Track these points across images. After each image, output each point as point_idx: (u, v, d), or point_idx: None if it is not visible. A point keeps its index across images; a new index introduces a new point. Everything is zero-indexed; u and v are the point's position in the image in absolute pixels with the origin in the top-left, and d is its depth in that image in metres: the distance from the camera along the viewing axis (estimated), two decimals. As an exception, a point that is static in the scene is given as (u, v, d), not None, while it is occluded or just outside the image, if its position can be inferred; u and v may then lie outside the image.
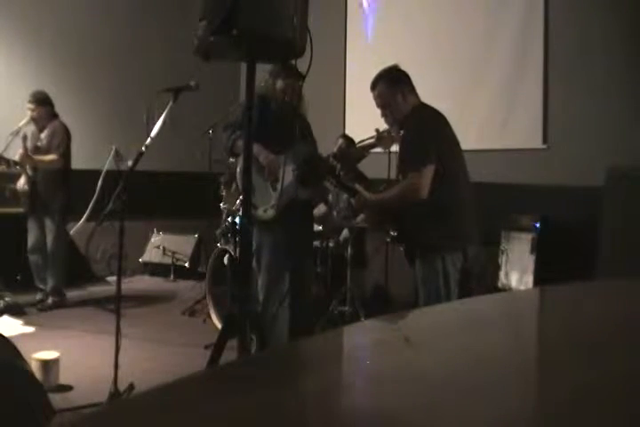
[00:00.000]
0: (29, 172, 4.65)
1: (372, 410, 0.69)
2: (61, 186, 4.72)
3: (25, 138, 4.50)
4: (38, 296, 4.80)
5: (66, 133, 4.73)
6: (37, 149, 4.62)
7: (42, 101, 4.67)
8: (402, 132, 2.83)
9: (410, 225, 2.76)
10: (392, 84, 2.81)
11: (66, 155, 4.72)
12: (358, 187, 2.97)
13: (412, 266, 2.81)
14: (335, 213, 4.54)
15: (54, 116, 4.78)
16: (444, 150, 2.69)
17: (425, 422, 0.65)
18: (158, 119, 2.80)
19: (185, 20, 1.96)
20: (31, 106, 4.67)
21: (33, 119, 4.71)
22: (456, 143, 2.81)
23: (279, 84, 3.14)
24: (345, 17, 6.16)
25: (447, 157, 2.69)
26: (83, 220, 5.68)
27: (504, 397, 0.72)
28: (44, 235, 4.75)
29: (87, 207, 5.64)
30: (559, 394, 0.70)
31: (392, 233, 2.83)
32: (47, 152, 4.62)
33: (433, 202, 2.62)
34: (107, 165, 5.83)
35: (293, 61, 2.48)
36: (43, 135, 4.59)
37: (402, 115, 2.80)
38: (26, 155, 4.48)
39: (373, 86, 2.86)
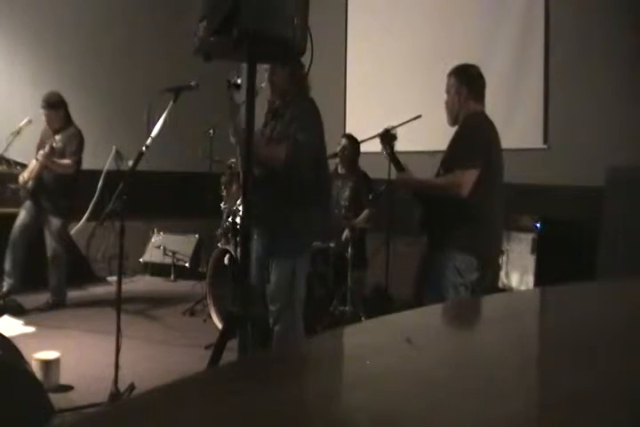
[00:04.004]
0: (35, 172, 4.65)
1: (373, 411, 0.69)
2: (69, 190, 4.73)
3: (52, 142, 4.50)
4: (5, 287, 4.71)
5: (81, 140, 4.73)
6: (52, 151, 4.61)
7: (52, 105, 4.65)
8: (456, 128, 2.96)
9: (438, 221, 2.87)
10: (462, 80, 2.91)
11: (78, 162, 4.73)
12: (407, 165, 3.04)
13: (430, 254, 2.92)
14: (336, 212, 4.54)
15: (69, 120, 4.77)
16: (491, 161, 2.81)
17: (425, 422, 0.65)
18: (159, 119, 2.80)
19: (185, 20, 1.96)
20: (43, 111, 4.65)
21: (47, 122, 4.71)
22: (501, 156, 2.93)
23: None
24: (345, 17, 6.16)
25: (491, 167, 2.80)
26: (83, 220, 5.69)
27: (504, 397, 0.72)
28: (33, 223, 4.73)
29: (88, 207, 5.65)
30: (559, 394, 0.70)
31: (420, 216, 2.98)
32: (61, 156, 4.61)
33: (467, 205, 2.74)
34: (107, 165, 5.84)
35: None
36: (57, 137, 4.57)
37: (452, 110, 2.94)
38: (48, 155, 4.48)
39: (450, 73, 2.97)
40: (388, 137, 3.11)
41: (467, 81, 2.90)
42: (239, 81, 2.67)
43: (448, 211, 2.81)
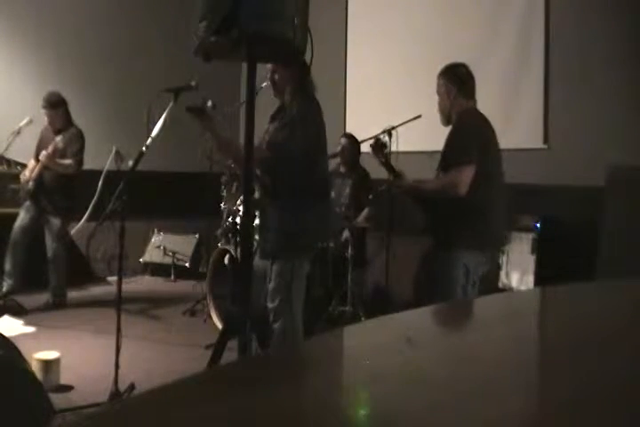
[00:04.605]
0: (36, 172, 4.65)
1: (373, 411, 0.69)
2: (69, 190, 4.73)
3: (54, 142, 4.49)
4: (4, 287, 4.71)
5: (82, 141, 4.73)
6: (54, 151, 4.60)
7: (53, 104, 4.65)
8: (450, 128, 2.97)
9: (442, 222, 2.87)
10: (449, 79, 2.96)
11: (80, 162, 4.73)
12: (403, 172, 3.04)
13: (435, 259, 2.91)
14: (337, 211, 4.53)
15: (70, 119, 4.77)
16: (486, 154, 2.81)
17: (425, 422, 0.65)
18: (159, 119, 2.80)
19: (185, 20, 1.96)
20: (44, 111, 4.65)
21: (49, 122, 4.71)
22: (497, 148, 2.95)
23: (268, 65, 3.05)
24: (345, 17, 6.16)
25: (488, 161, 2.81)
26: (83, 220, 5.67)
27: (504, 397, 0.72)
28: (33, 223, 4.74)
29: (88, 207, 5.65)
30: (559, 394, 0.70)
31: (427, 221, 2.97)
32: (62, 156, 4.61)
33: (468, 202, 2.74)
34: (107, 165, 5.83)
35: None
36: (58, 139, 4.57)
37: (444, 110, 2.97)
38: (51, 156, 4.48)
39: (439, 74, 3.02)
40: (378, 146, 3.11)
41: (455, 79, 2.94)
42: (209, 103, 2.68)
43: (450, 211, 2.81)
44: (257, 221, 3.28)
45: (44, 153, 4.49)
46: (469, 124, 2.88)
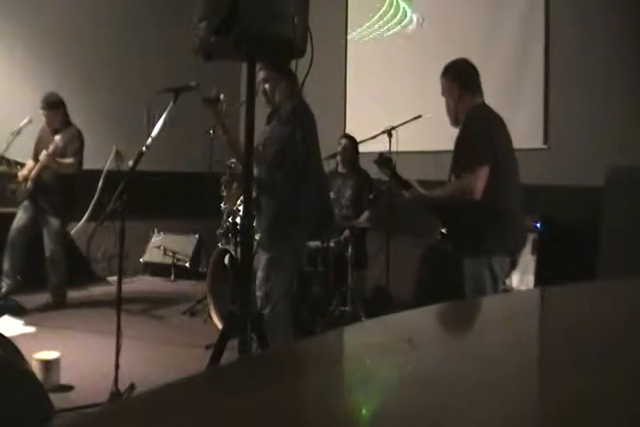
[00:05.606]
0: (35, 172, 4.65)
1: (373, 411, 0.69)
2: (67, 190, 4.73)
3: (54, 142, 4.49)
4: (3, 288, 4.71)
5: (82, 140, 4.73)
6: (55, 151, 4.60)
7: (51, 105, 4.65)
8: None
9: (460, 226, 2.79)
10: (450, 78, 2.86)
11: (80, 161, 4.73)
12: (412, 182, 2.94)
13: (460, 265, 2.84)
14: (337, 211, 4.53)
15: (68, 120, 4.77)
16: (499, 152, 2.71)
17: (425, 422, 0.65)
18: (159, 119, 2.80)
19: (185, 20, 1.97)
20: (43, 111, 4.65)
21: (46, 123, 4.71)
22: (510, 146, 2.84)
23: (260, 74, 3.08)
24: (345, 17, 6.16)
25: (501, 159, 2.70)
26: (83, 220, 5.69)
27: (504, 397, 0.72)
28: (32, 223, 4.74)
29: (88, 207, 5.65)
30: (560, 395, 0.70)
31: (442, 231, 2.87)
32: (62, 156, 4.61)
33: (484, 204, 2.65)
34: (107, 165, 5.84)
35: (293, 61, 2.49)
36: (57, 138, 4.57)
37: (453, 110, 2.86)
38: (51, 155, 4.48)
39: (441, 75, 2.92)
40: (383, 161, 2.97)
41: (456, 76, 2.84)
42: (222, 96, 2.74)
43: (470, 215, 2.73)
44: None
45: (44, 153, 4.49)
46: (478, 124, 2.76)
